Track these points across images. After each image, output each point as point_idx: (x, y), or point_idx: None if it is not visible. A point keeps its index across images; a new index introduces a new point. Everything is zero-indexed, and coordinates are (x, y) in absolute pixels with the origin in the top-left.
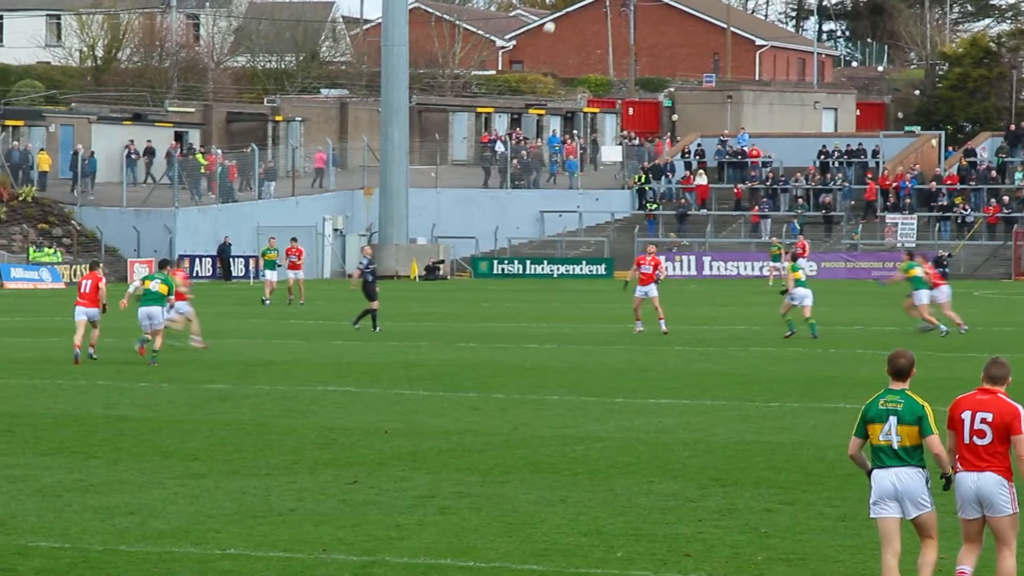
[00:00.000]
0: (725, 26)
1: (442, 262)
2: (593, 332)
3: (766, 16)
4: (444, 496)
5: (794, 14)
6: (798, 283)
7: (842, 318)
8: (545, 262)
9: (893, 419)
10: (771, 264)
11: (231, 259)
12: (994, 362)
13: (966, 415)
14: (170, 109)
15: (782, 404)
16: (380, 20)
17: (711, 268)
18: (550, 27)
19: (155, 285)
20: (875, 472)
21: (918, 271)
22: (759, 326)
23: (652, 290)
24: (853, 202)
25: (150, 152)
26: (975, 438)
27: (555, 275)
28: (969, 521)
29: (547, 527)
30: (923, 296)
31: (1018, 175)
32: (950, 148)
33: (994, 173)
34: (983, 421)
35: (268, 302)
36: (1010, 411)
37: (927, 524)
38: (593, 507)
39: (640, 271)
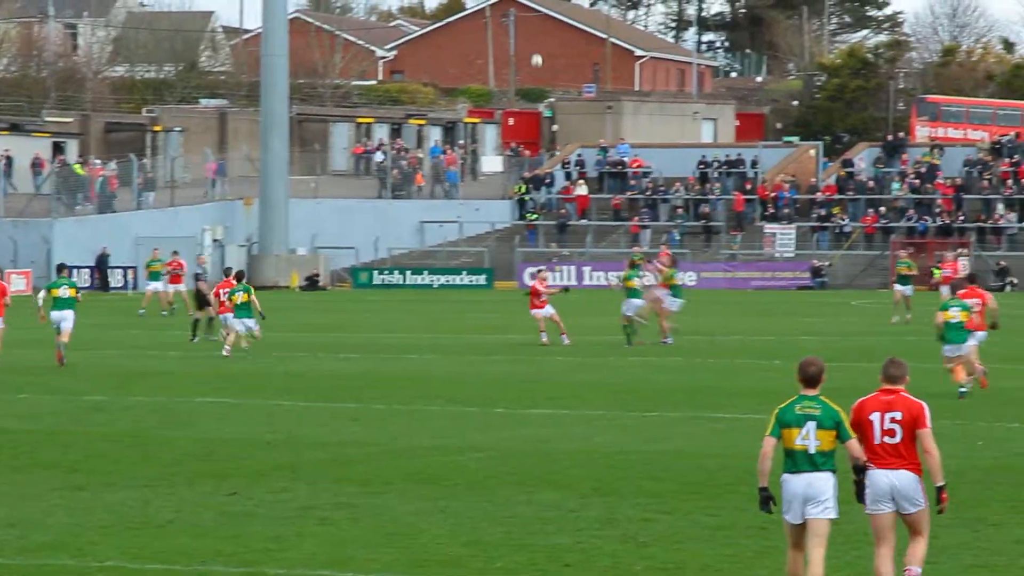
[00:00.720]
0: (605, 37)
1: (317, 275)
2: (474, 342)
3: (646, 27)
4: (324, 507)
5: (674, 25)
6: (674, 290)
7: (721, 328)
8: (425, 272)
9: (811, 424)
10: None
11: (109, 270)
12: (892, 362)
13: (875, 416)
14: (48, 119)
15: (661, 414)
16: (259, 30)
17: (591, 278)
18: (537, 60)
19: (64, 291)
20: (787, 477)
21: (639, 281)
22: (640, 337)
23: (548, 310)
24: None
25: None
26: (886, 437)
27: (435, 285)
28: (879, 516)
29: (427, 538)
30: (632, 305)
31: (895, 185)
32: (827, 159)
33: (872, 184)
34: (893, 420)
35: (143, 312)
36: (917, 408)
37: (825, 530)
38: (473, 517)
39: (538, 299)
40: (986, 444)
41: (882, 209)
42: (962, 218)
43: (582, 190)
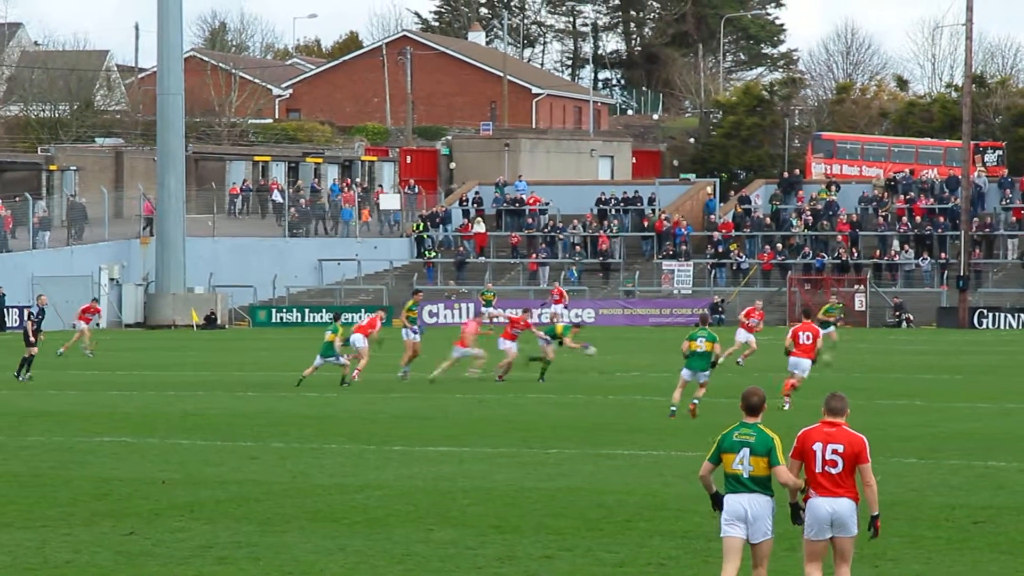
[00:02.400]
0: (501, 75)
1: (214, 314)
2: (373, 380)
3: (542, 65)
4: (222, 546)
5: (570, 63)
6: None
7: (620, 365)
8: (324, 311)
9: (746, 450)
10: (486, 311)
11: (5, 309)
12: (834, 396)
13: (817, 446)
14: None
15: (560, 451)
16: (155, 68)
17: (485, 315)
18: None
19: None
20: (728, 496)
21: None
22: (537, 373)
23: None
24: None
25: None
26: (828, 467)
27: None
28: (816, 542)
29: None
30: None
31: (792, 222)
32: (714, 196)
33: (768, 220)
34: (835, 452)
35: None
36: (859, 442)
37: (765, 551)
38: (372, 556)
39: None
40: (883, 479)
41: (779, 245)
42: (858, 255)
43: (480, 227)
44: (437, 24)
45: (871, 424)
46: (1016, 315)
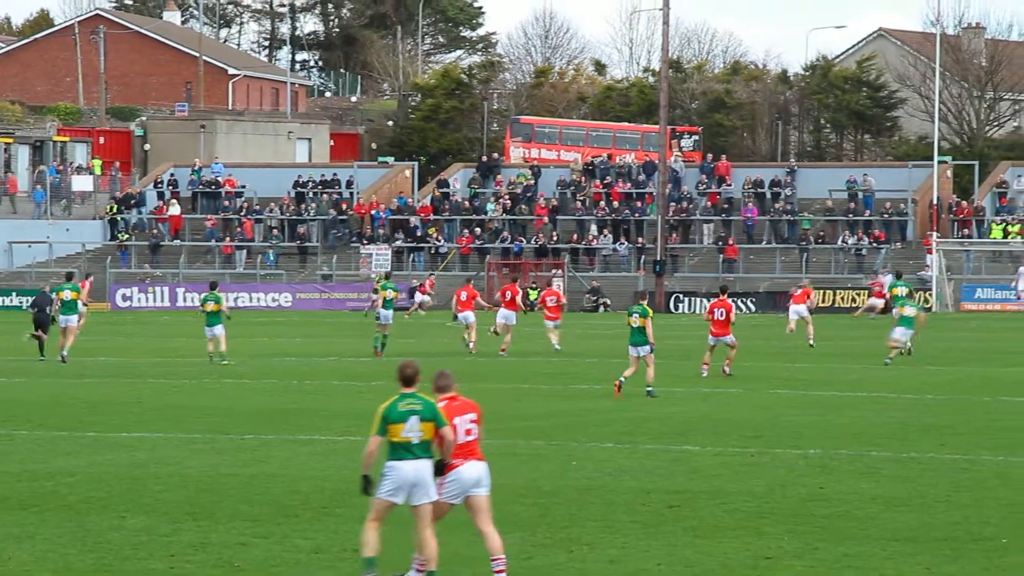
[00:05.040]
0: (197, 55)
1: None
2: (66, 367)
3: (239, 45)
4: None
5: (268, 44)
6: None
7: (317, 350)
8: (14, 294)
9: (415, 418)
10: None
11: None
12: (441, 375)
13: (457, 420)
14: None
15: (257, 436)
16: None
17: (185, 299)
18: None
19: None
20: (396, 464)
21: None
22: (236, 358)
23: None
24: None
25: None
26: (467, 436)
27: (24, 307)
28: (472, 498)
29: (14, 565)
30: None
31: (490, 206)
32: (412, 179)
33: (467, 204)
34: (471, 421)
35: None
36: (478, 408)
37: (428, 512)
38: (62, 544)
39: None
40: (580, 464)
41: (477, 230)
42: (557, 239)
43: (175, 210)
44: (132, 3)
45: (570, 409)
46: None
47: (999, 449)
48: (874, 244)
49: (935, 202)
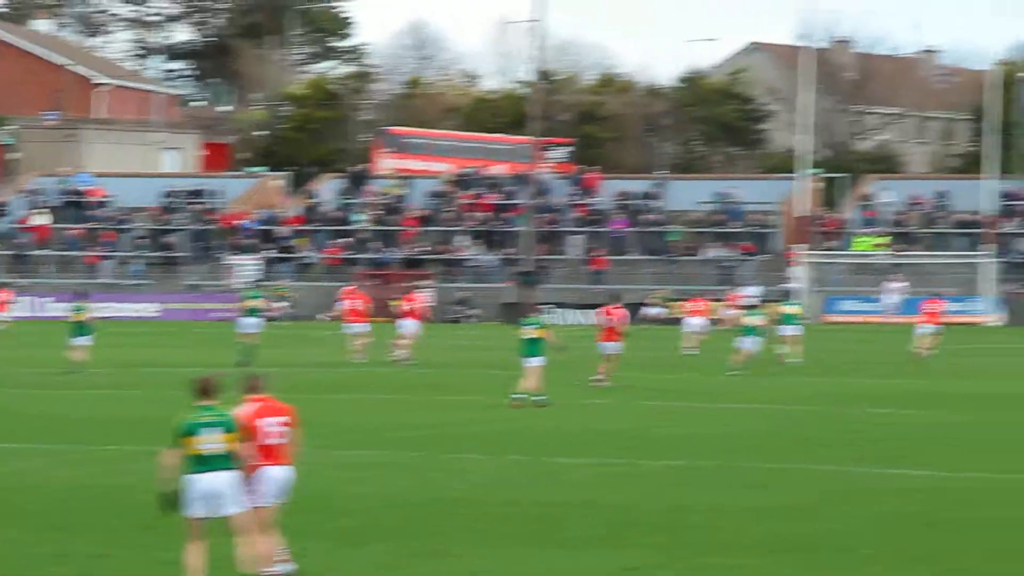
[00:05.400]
0: (65, 64)
1: None
2: None
3: (109, 55)
4: None
5: (139, 53)
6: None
7: (183, 360)
8: None
9: (216, 430)
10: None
11: None
12: (253, 377)
13: (262, 422)
14: None
15: (120, 447)
16: None
17: (50, 310)
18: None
19: None
20: (194, 477)
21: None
22: (99, 368)
23: None
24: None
25: None
26: (273, 439)
27: None
28: (266, 509)
29: None
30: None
31: (359, 217)
32: (283, 190)
33: (336, 214)
34: (281, 424)
35: None
36: (292, 411)
37: (247, 520)
38: None
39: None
40: (450, 475)
41: (347, 240)
42: (426, 249)
43: (41, 220)
44: (1, 11)
45: (440, 420)
46: (582, 310)
47: (866, 461)
48: (740, 256)
49: (802, 214)
